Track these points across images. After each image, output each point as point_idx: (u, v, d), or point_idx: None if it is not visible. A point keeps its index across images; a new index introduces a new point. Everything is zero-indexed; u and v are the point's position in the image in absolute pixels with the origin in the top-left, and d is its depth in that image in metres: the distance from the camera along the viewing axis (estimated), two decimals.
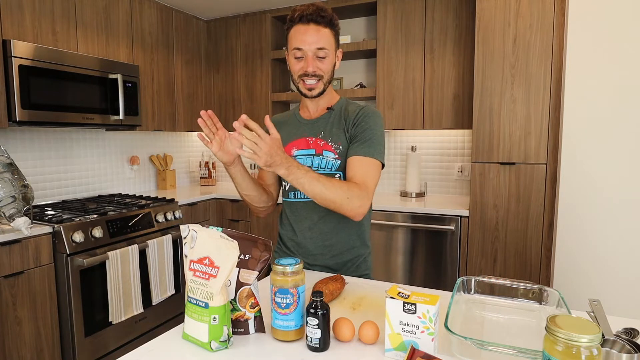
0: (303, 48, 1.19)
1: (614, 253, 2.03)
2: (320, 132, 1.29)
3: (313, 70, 1.20)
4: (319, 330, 0.81)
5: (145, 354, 0.82)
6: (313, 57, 1.19)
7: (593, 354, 0.57)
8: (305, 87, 1.23)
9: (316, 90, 1.24)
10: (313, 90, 1.24)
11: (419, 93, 2.77)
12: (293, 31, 1.21)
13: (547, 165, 2.23)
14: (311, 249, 1.30)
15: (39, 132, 2.55)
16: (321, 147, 1.26)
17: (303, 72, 1.21)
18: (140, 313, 2.34)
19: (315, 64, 1.20)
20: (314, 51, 1.19)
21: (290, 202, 1.32)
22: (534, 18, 2.20)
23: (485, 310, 0.98)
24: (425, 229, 2.54)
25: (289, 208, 1.33)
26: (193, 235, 0.87)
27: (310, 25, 1.18)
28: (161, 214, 2.54)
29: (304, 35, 1.18)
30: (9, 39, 2.04)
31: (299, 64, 1.22)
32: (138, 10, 2.85)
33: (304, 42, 1.18)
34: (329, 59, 1.22)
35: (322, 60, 1.21)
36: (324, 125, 1.29)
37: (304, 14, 1.18)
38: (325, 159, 1.25)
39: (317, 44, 1.18)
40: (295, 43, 1.20)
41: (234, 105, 3.45)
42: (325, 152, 1.25)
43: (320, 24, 1.18)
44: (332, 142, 1.26)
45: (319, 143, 1.27)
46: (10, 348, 1.88)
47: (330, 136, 1.27)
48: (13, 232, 1.87)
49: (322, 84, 1.24)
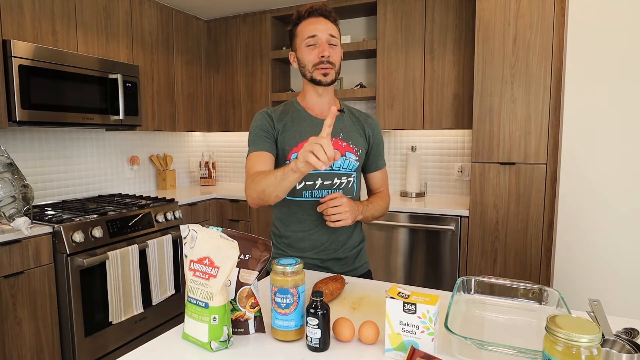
0: (317, 34, 1.23)
1: (614, 253, 2.03)
2: (338, 133, 1.31)
3: (328, 54, 1.23)
4: (319, 330, 0.81)
5: (145, 354, 0.82)
6: (327, 43, 1.24)
7: (593, 354, 0.57)
8: (320, 73, 1.25)
9: (330, 77, 1.26)
10: (328, 76, 1.25)
11: (419, 93, 2.77)
12: (303, 24, 1.26)
13: (547, 165, 2.23)
14: (326, 244, 1.33)
15: (39, 132, 2.55)
16: (343, 149, 1.31)
17: (318, 59, 1.23)
18: (140, 313, 2.34)
19: (329, 50, 1.24)
20: (327, 37, 1.24)
21: (303, 202, 1.31)
22: (534, 18, 2.20)
23: (485, 310, 0.98)
24: (425, 229, 2.54)
25: (300, 207, 1.31)
26: (193, 235, 0.87)
27: (320, 17, 1.25)
28: (161, 214, 2.54)
29: (316, 24, 1.24)
30: (9, 39, 2.04)
31: (313, 52, 1.24)
32: (138, 10, 2.85)
33: (318, 29, 1.23)
34: (338, 49, 1.28)
35: (334, 48, 1.25)
36: (340, 127, 1.32)
37: (313, 9, 1.25)
38: (348, 160, 1.31)
39: (330, 31, 1.24)
40: (308, 32, 1.24)
41: (234, 105, 3.45)
42: (348, 153, 1.31)
43: (328, 18, 1.26)
44: (353, 145, 1.32)
45: (340, 144, 1.31)
46: (10, 348, 1.88)
47: (351, 138, 1.32)
48: (13, 232, 1.87)
49: (335, 73, 1.27)
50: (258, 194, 1.17)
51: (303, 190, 1.30)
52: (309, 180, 1.29)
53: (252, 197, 1.21)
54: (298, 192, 1.30)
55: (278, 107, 1.37)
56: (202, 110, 3.51)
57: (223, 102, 3.50)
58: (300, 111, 1.33)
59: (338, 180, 1.30)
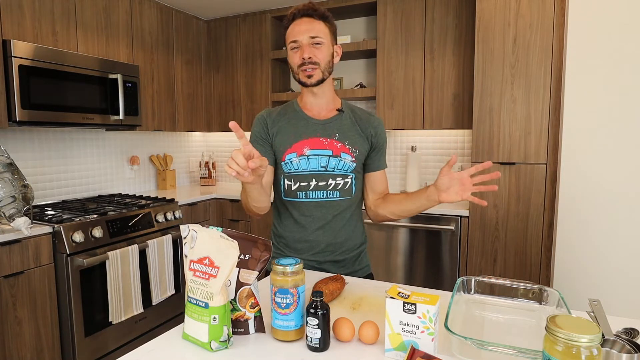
0: (297, 39, 1.24)
1: (614, 253, 2.03)
2: (334, 133, 1.30)
3: (309, 55, 1.23)
4: (319, 330, 0.81)
5: (145, 354, 0.82)
6: (308, 45, 1.24)
7: (593, 354, 0.57)
8: (304, 75, 1.25)
9: (315, 78, 1.25)
10: (312, 78, 1.25)
11: (419, 93, 2.77)
12: (290, 28, 1.27)
13: (547, 165, 2.23)
14: (323, 246, 1.32)
15: (39, 132, 2.55)
16: (338, 149, 1.30)
17: (300, 60, 1.24)
18: (140, 313, 2.34)
19: (311, 51, 1.23)
20: (307, 40, 1.23)
21: (299, 202, 1.31)
22: (534, 18, 2.20)
23: (485, 310, 0.98)
24: (425, 229, 2.54)
25: (296, 208, 1.32)
26: (193, 235, 0.87)
27: (303, 19, 1.25)
28: (161, 214, 2.54)
29: (298, 27, 1.25)
30: (9, 39, 2.04)
31: (296, 54, 1.25)
32: (138, 10, 2.85)
33: (298, 33, 1.24)
34: (324, 47, 1.26)
35: (317, 47, 1.24)
36: (337, 127, 1.31)
37: (296, 11, 1.25)
38: (343, 160, 1.30)
39: (311, 32, 1.24)
40: (291, 36, 1.26)
41: (234, 105, 3.45)
42: (343, 154, 1.30)
43: (312, 17, 1.25)
44: (349, 145, 1.31)
45: (335, 145, 1.30)
46: (10, 348, 1.88)
47: (347, 139, 1.31)
48: (13, 232, 1.87)
49: (320, 72, 1.26)
50: (245, 206, 1.28)
51: (298, 191, 1.30)
52: (304, 182, 1.29)
53: (248, 211, 1.30)
54: (293, 193, 1.30)
55: (277, 108, 1.38)
56: (202, 110, 3.51)
57: (223, 102, 3.50)
58: (298, 112, 1.34)
59: (333, 182, 1.30)
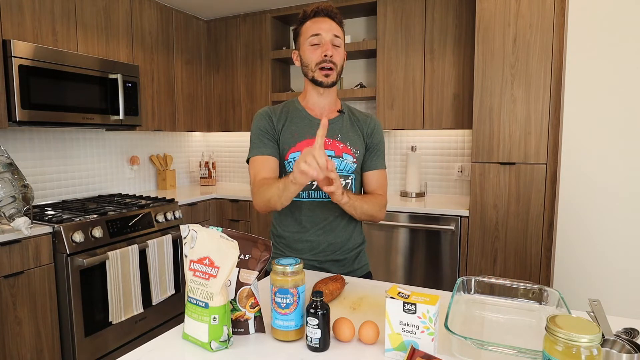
0: (321, 33, 1.23)
1: (614, 253, 2.03)
2: (336, 134, 1.31)
3: (331, 53, 1.23)
4: (319, 330, 0.81)
5: (145, 354, 0.82)
6: (330, 43, 1.24)
7: (593, 354, 0.57)
8: (322, 74, 1.25)
9: (331, 78, 1.26)
10: (329, 77, 1.25)
11: (419, 93, 2.77)
12: (308, 23, 1.26)
13: (547, 165, 2.23)
14: (324, 246, 1.32)
15: (39, 132, 2.55)
16: (341, 150, 1.30)
17: (321, 58, 1.23)
18: (140, 313, 2.34)
19: (333, 50, 1.24)
20: (331, 37, 1.24)
21: (300, 202, 1.30)
22: (534, 18, 2.20)
23: (485, 310, 0.98)
24: (425, 229, 2.54)
25: (297, 208, 1.31)
26: (193, 235, 0.87)
27: (326, 18, 1.26)
28: (161, 214, 2.54)
29: (321, 24, 1.25)
30: (9, 39, 2.04)
31: (316, 51, 1.24)
32: (138, 10, 2.85)
33: (322, 28, 1.24)
34: (341, 50, 1.27)
35: (337, 49, 1.25)
36: (339, 128, 1.32)
37: (319, 9, 1.26)
38: (345, 161, 1.30)
39: (334, 31, 1.25)
40: (312, 30, 1.25)
41: (234, 105, 3.45)
42: (345, 155, 1.30)
43: (334, 19, 1.26)
44: (351, 146, 1.31)
45: (337, 145, 1.30)
46: (10, 348, 1.88)
47: (348, 140, 1.31)
48: (13, 232, 1.87)
49: (336, 74, 1.27)
50: (265, 203, 1.21)
51: (302, 191, 1.29)
52: None
53: (259, 205, 1.25)
54: None
55: (278, 106, 1.37)
56: (202, 110, 3.51)
57: (223, 102, 3.50)
58: (300, 111, 1.33)
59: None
